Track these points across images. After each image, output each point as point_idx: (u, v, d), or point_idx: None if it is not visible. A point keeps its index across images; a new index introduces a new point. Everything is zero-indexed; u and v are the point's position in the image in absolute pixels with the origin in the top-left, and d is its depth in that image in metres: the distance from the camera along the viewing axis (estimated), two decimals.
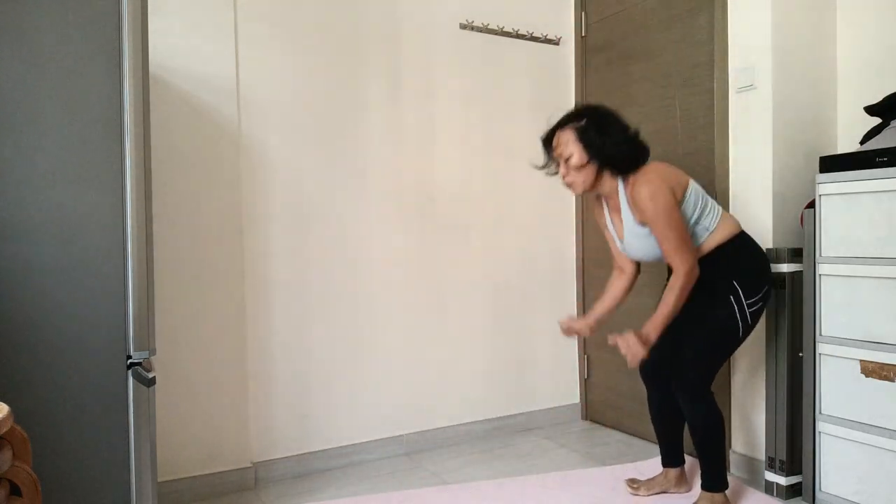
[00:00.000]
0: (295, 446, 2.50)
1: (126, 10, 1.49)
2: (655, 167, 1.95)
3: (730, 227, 2.00)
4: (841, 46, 2.41)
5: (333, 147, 2.57)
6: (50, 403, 1.44)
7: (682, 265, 1.88)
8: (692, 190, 1.97)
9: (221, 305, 2.34)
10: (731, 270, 1.97)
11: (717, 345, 1.97)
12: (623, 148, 1.92)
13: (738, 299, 1.95)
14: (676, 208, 1.89)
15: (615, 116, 1.96)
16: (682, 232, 1.88)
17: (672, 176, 1.93)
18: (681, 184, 1.95)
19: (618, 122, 1.95)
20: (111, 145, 1.49)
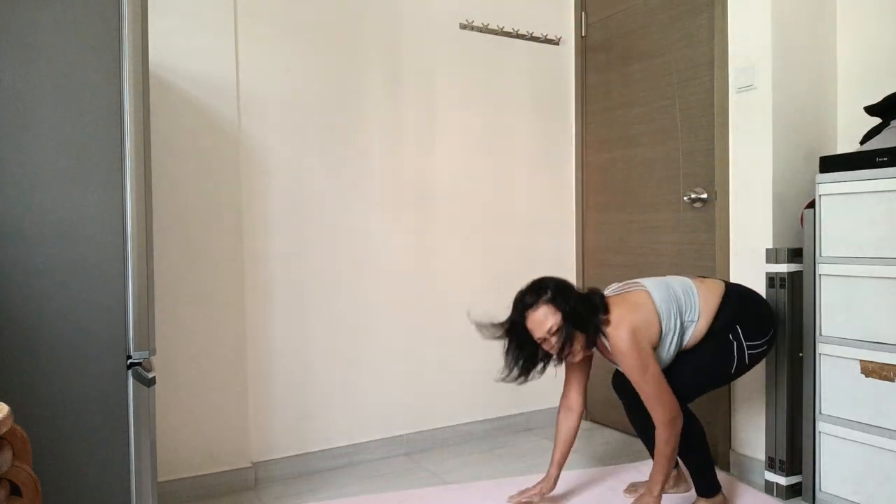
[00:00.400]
0: (295, 446, 2.50)
1: (126, 10, 1.49)
2: (624, 319, 1.86)
3: (712, 303, 1.95)
4: (841, 46, 2.41)
5: (333, 147, 2.57)
6: (50, 403, 1.44)
7: (662, 415, 1.83)
8: (664, 315, 1.90)
9: (221, 305, 2.34)
10: (731, 325, 1.95)
11: (705, 379, 1.95)
12: (587, 305, 1.89)
13: (737, 337, 1.93)
14: (651, 356, 1.85)
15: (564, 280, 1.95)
16: (657, 380, 1.83)
17: (642, 320, 1.87)
18: (652, 323, 1.88)
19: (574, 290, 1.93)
20: (111, 145, 1.49)
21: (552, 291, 1.88)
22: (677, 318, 1.92)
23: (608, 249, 3.02)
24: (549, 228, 3.11)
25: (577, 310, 1.87)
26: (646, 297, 1.92)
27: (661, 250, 2.73)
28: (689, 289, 1.97)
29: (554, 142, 3.12)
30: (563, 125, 3.15)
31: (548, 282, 1.92)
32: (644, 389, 1.83)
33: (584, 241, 3.16)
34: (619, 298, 1.95)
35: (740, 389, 2.40)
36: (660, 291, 1.94)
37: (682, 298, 1.94)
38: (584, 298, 1.91)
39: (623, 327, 1.85)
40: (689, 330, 1.94)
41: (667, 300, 1.92)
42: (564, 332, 1.86)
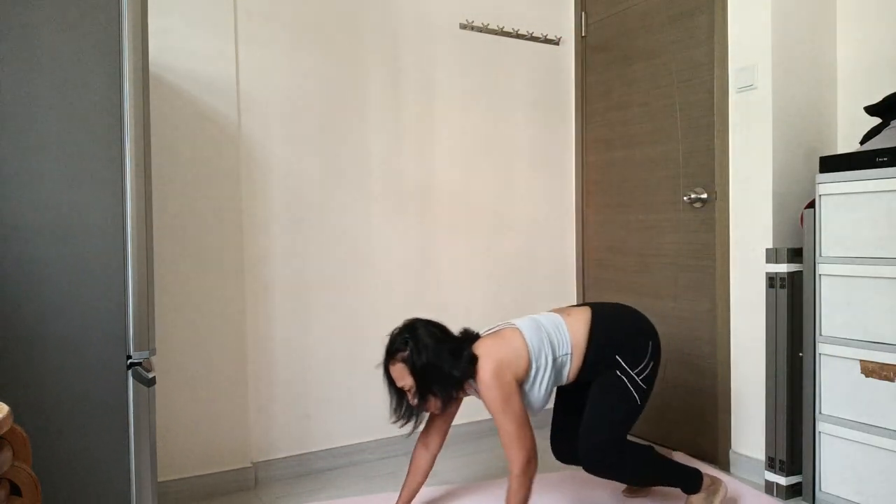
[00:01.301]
0: (295, 446, 2.50)
1: (126, 10, 1.49)
2: (491, 353, 1.84)
3: (581, 333, 1.92)
4: (841, 46, 2.41)
5: (333, 147, 2.57)
6: (50, 404, 1.44)
7: (518, 457, 1.78)
8: (535, 351, 1.87)
9: (221, 305, 2.34)
10: (608, 353, 1.92)
11: (617, 424, 1.89)
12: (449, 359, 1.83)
13: (624, 372, 1.91)
14: (514, 392, 1.81)
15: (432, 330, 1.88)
16: (518, 417, 1.79)
17: (509, 353, 1.85)
18: (520, 357, 1.86)
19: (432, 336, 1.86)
20: (111, 145, 1.49)
21: (411, 350, 1.83)
22: (549, 355, 1.89)
23: (608, 249, 3.02)
24: (549, 228, 3.11)
25: (433, 370, 1.82)
26: (516, 333, 1.90)
27: (661, 250, 2.73)
28: (559, 324, 1.94)
29: (554, 142, 3.12)
30: (563, 125, 3.15)
31: (413, 333, 1.86)
32: (503, 426, 1.79)
33: (584, 241, 3.16)
34: (489, 337, 1.92)
35: (740, 389, 2.40)
36: (531, 330, 1.91)
37: (553, 334, 1.91)
38: (447, 352, 1.84)
39: (488, 360, 1.82)
40: (566, 365, 1.92)
41: (538, 337, 1.89)
42: (418, 394, 1.84)
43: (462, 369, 1.84)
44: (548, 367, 1.89)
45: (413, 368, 1.83)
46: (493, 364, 1.82)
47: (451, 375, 1.83)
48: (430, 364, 1.82)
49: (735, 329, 2.41)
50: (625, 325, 1.97)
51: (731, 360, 2.42)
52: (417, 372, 1.83)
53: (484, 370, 1.82)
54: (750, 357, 2.36)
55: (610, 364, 1.92)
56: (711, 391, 2.51)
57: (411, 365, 1.83)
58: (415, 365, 1.82)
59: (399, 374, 1.86)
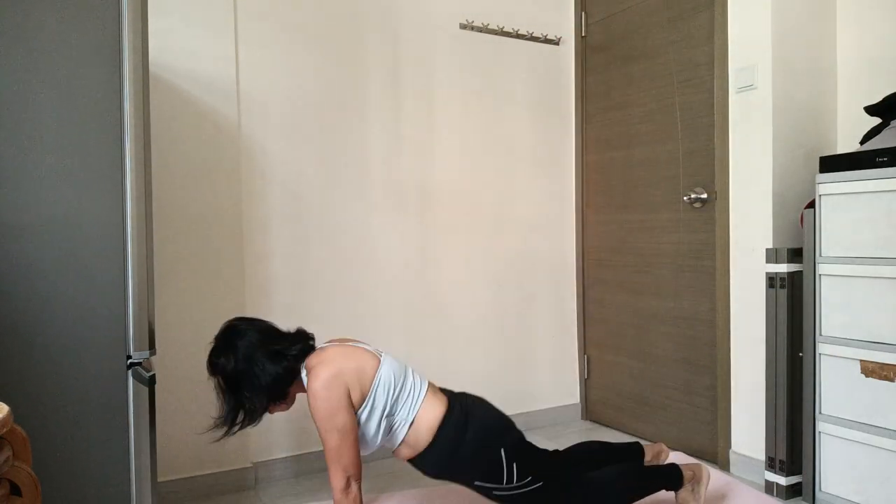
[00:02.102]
0: (295, 446, 2.50)
1: (126, 10, 1.49)
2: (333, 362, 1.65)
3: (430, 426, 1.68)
4: (841, 46, 2.41)
5: (333, 147, 2.57)
6: (50, 403, 1.44)
7: (337, 477, 1.61)
8: (382, 387, 1.67)
9: (221, 305, 2.34)
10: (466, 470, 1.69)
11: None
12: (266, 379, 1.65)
13: (500, 491, 1.69)
14: (345, 407, 1.61)
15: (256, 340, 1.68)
16: (344, 434, 1.61)
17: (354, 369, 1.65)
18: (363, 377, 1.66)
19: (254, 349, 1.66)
20: (111, 145, 1.49)
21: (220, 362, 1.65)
22: (391, 404, 1.68)
23: (608, 249, 3.02)
24: (549, 228, 3.11)
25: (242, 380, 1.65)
26: (373, 360, 1.70)
27: (661, 250, 2.73)
28: (419, 387, 1.73)
29: (554, 142, 3.12)
30: (563, 125, 3.15)
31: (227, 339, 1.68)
32: (325, 441, 1.62)
33: (584, 241, 3.16)
34: (343, 347, 1.73)
35: (740, 389, 2.40)
36: (389, 366, 1.71)
37: (407, 389, 1.71)
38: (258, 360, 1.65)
39: (324, 368, 1.63)
40: (400, 432, 1.69)
41: (391, 381, 1.68)
42: (232, 403, 1.67)
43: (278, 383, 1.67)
44: (383, 418, 1.68)
45: (224, 383, 1.66)
46: (329, 373, 1.61)
47: (262, 388, 1.65)
48: (239, 376, 1.65)
49: (735, 329, 2.41)
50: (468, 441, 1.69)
51: (731, 360, 2.42)
52: (228, 382, 1.66)
53: (317, 377, 1.61)
54: (750, 357, 2.36)
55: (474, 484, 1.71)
56: (711, 391, 2.51)
57: (221, 371, 1.66)
58: (224, 371, 1.65)
59: (216, 384, 1.69)
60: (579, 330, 3.18)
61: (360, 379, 1.66)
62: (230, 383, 1.66)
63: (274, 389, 1.68)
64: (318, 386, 1.61)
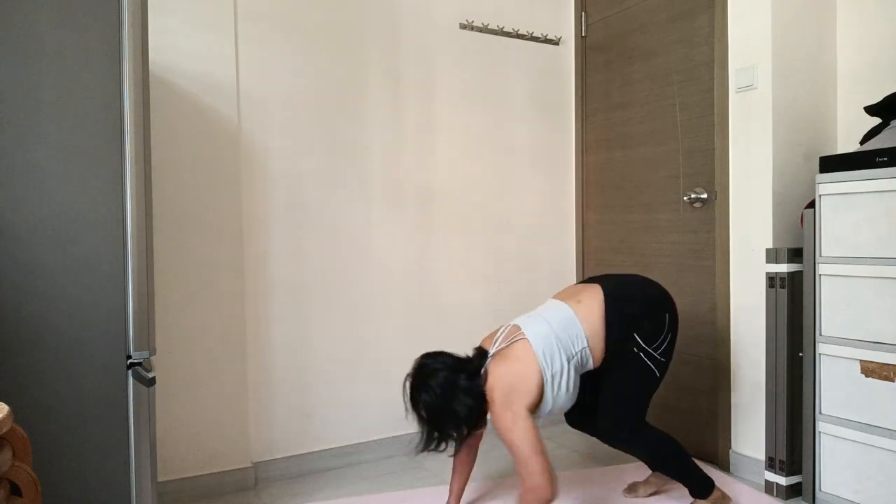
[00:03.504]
0: (295, 446, 2.50)
1: (126, 10, 1.49)
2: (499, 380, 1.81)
3: (596, 317, 1.89)
4: (841, 46, 2.41)
5: (333, 147, 2.57)
6: (50, 403, 1.44)
7: (527, 480, 1.75)
8: (547, 362, 1.83)
9: (221, 305, 2.34)
10: (625, 333, 1.90)
11: (637, 395, 1.92)
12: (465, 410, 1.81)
13: (640, 348, 1.90)
14: (522, 416, 1.77)
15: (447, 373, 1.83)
16: (526, 442, 1.75)
17: (517, 375, 1.81)
18: (528, 377, 1.81)
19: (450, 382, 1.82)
20: (111, 145, 1.49)
21: (423, 400, 1.81)
22: (563, 359, 1.84)
23: (608, 249, 3.02)
24: (549, 228, 3.11)
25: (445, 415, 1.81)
26: (526, 349, 1.84)
27: (661, 250, 2.73)
28: (569, 320, 1.89)
29: (554, 142, 3.12)
30: (563, 125, 3.15)
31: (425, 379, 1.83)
32: (513, 452, 1.77)
33: (584, 241, 3.16)
34: (500, 357, 1.86)
35: (740, 389, 2.40)
36: (540, 338, 1.85)
37: (563, 334, 1.86)
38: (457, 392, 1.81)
39: (497, 392, 1.80)
40: (588, 358, 1.89)
41: (549, 345, 1.84)
42: (439, 433, 1.84)
43: (478, 407, 1.83)
44: (564, 371, 1.85)
45: (428, 417, 1.82)
46: (502, 394, 1.79)
47: (465, 416, 1.82)
48: (442, 412, 1.81)
49: (735, 329, 2.41)
50: (639, 302, 1.93)
51: (731, 359, 2.42)
52: (432, 420, 1.82)
53: (493, 400, 1.80)
54: (750, 357, 2.36)
55: (628, 342, 1.90)
56: (711, 391, 2.51)
57: (427, 413, 1.82)
58: (428, 413, 1.82)
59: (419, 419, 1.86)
60: None
61: (527, 379, 1.81)
62: (432, 417, 1.83)
63: (471, 419, 1.84)
64: (497, 409, 1.79)
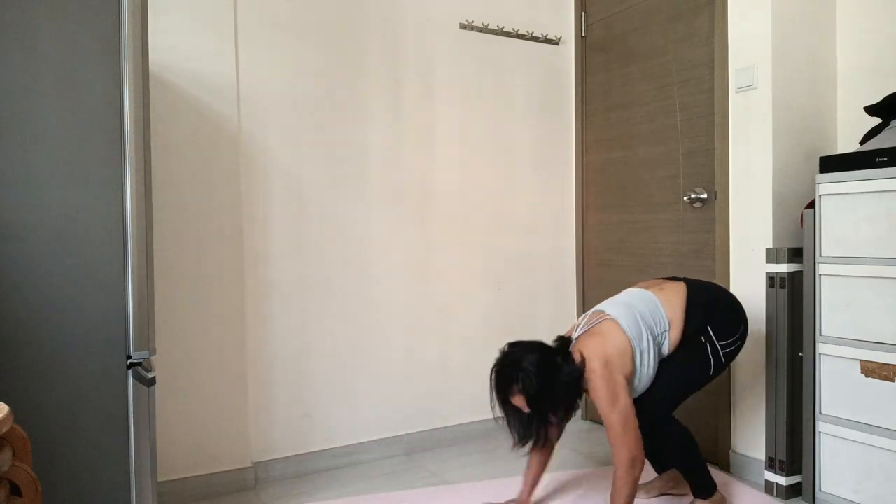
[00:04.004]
0: (295, 446, 2.50)
1: (126, 10, 1.49)
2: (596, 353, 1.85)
3: (678, 305, 1.96)
4: (841, 46, 2.41)
5: (333, 147, 2.57)
6: (50, 403, 1.44)
7: (624, 454, 1.80)
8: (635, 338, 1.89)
9: (221, 305, 2.34)
10: (701, 324, 1.95)
11: (684, 386, 1.96)
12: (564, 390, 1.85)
13: (709, 338, 1.94)
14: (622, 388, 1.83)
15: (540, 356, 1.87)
16: (626, 414, 1.81)
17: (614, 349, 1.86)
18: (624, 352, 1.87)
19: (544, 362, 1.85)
20: (111, 145, 1.49)
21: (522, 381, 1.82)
22: (649, 337, 1.91)
23: (608, 249, 3.02)
24: (549, 228, 3.11)
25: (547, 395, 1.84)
26: (613, 325, 1.91)
27: (661, 250, 2.73)
28: (652, 303, 1.96)
29: (554, 142, 3.12)
30: (563, 125, 3.15)
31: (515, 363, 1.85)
32: (611, 422, 1.82)
33: (584, 241, 3.16)
34: (588, 335, 1.93)
35: (740, 389, 2.40)
36: (626, 316, 1.92)
37: (647, 315, 1.94)
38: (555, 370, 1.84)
39: (596, 360, 1.84)
40: (665, 342, 1.95)
41: (634, 323, 1.91)
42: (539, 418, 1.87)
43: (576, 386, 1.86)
44: (650, 349, 1.91)
45: (528, 402, 1.83)
46: (601, 364, 1.83)
47: (565, 396, 1.86)
48: (544, 392, 1.83)
49: None
50: (721, 301, 2.00)
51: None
52: (533, 404, 1.84)
53: (593, 371, 1.83)
54: (750, 357, 2.36)
55: (701, 333, 1.95)
56: (711, 391, 2.51)
57: (526, 398, 1.83)
58: (529, 398, 1.83)
59: (520, 404, 1.86)
60: None
61: (622, 354, 1.87)
62: (532, 403, 1.83)
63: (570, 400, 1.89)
64: (597, 379, 1.83)
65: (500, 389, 1.88)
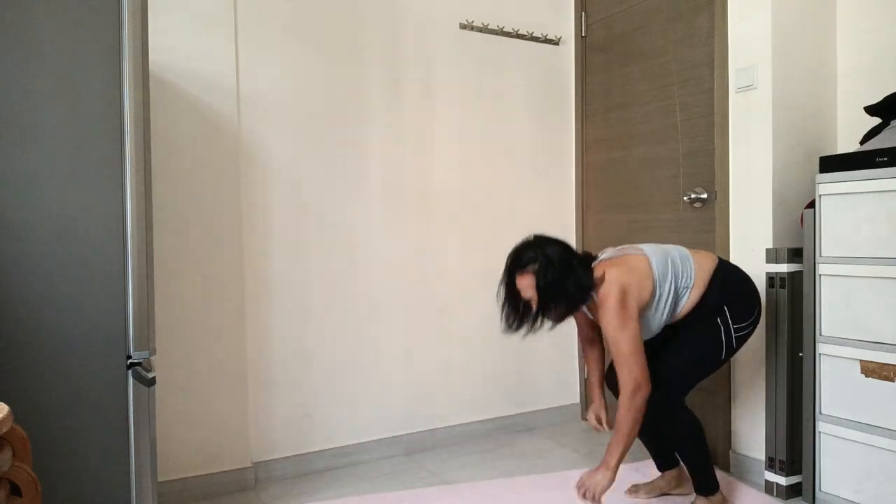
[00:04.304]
0: (295, 446, 2.50)
1: (126, 10, 1.49)
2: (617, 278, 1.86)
3: (707, 270, 1.97)
4: (841, 46, 2.41)
5: (333, 147, 2.57)
6: (50, 403, 1.44)
7: (628, 378, 1.81)
8: (660, 278, 1.91)
9: (221, 305, 2.34)
10: (723, 296, 1.96)
11: (696, 366, 1.96)
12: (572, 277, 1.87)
13: (724, 321, 1.94)
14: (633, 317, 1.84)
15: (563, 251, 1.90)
16: (633, 340, 1.82)
17: (635, 281, 1.88)
18: (645, 287, 1.89)
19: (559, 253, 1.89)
20: (111, 145, 1.49)
21: (540, 263, 1.86)
22: (672, 284, 1.92)
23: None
24: (549, 228, 3.08)
25: (557, 286, 1.85)
26: (644, 261, 1.93)
27: None
28: (686, 257, 1.98)
29: (554, 142, 3.12)
30: (563, 125, 3.15)
31: (540, 247, 1.89)
32: (618, 345, 1.82)
33: (584, 241, 3.16)
34: (617, 260, 1.95)
35: (740, 389, 2.40)
36: (657, 256, 1.95)
37: (678, 265, 1.95)
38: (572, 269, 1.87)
39: (614, 284, 1.85)
40: (683, 298, 1.95)
41: (664, 264, 1.93)
42: (539, 305, 1.88)
43: (584, 293, 1.88)
44: (669, 297, 1.92)
45: (538, 285, 1.85)
46: (618, 289, 1.84)
47: (572, 296, 1.88)
48: (556, 283, 1.85)
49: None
50: (742, 285, 1.99)
51: (731, 359, 2.42)
52: (541, 288, 1.85)
53: (609, 294, 1.84)
54: (750, 357, 2.36)
55: (716, 312, 1.95)
56: (711, 391, 2.51)
57: (537, 281, 1.85)
58: (540, 282, 1.85)
59: (525, 286, 1.88)
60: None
61: (642, 288, 1.88)
62: (541, 287, 1.84)
63: (573, 304, 1.90)
64: (611, 303, 1.83)
65: (514, 266, 1.90)
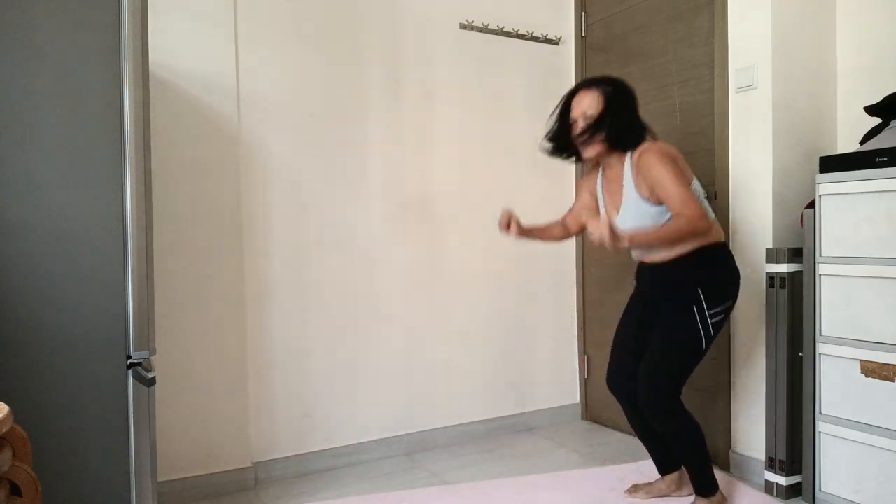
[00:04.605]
0: (295, 446, 2.50)
1: (126, 10, 1.49)
2: (665, 146, 1.94)
3: (716, 235, 1.98)
4: (841, 46, 2.41)
5: (333, 147, 2.57)
6: (50, 403, 1.44)
7: (689, 212, 1.81)
8: (696, 184, 1.97)
9: (221, 305, 2.34)
10: (701, 273, 1.95)
11: (680, 361, 1.96)
12: (636, 125, 1.97)
13: (700, 309, 1.93)
14: (682, 176, 1.87)
15: (634, 97, 2.01)
16: (687, 189, 1.85)
17: (679, 157, 1.95)
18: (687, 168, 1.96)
19: (635, 102, 2.01)
20: (111, 145, 1.49)
21: (613, 91, 1.94)
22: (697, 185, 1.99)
23: (608, 249, 3.02)
24: None
25: (622, 108, 1.94)
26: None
27: None
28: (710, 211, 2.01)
29: None
30: None
31: (620, 83, 1.98)
32: (674, 193, 1.83)
33: (584, 240, 3.16)
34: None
35: (740, 389, 2.40)
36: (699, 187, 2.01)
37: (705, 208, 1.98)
38: (637, 110, 1.98)
39: (663, 147, 1.92)
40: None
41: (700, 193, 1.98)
42: (594, 123, 1.93)
43: (636, 132, 1.96)
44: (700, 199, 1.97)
45: (608, 102, 1.92)
46: (671, 157, 1.90)
47: (625, 127, 1.94)
48: (622, 106, 1.93)
49: (735, 329, 2.41)
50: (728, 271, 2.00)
51: (731, 360, 2.42)
52: (607, 103, 1.93)
53: (658, 151, 1.89)
54: (750, 357, 2.36)
55: (690, 294, 1.94)
56: (711, 391, 2.51)
57: (608, 99, 1.93)
58: (611, 101, 1.93)
59: (588, 102, 1.95)
60: (579, 330, 3.18)
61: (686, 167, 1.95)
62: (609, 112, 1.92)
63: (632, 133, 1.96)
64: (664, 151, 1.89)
65: (583, 83, 2.00)
